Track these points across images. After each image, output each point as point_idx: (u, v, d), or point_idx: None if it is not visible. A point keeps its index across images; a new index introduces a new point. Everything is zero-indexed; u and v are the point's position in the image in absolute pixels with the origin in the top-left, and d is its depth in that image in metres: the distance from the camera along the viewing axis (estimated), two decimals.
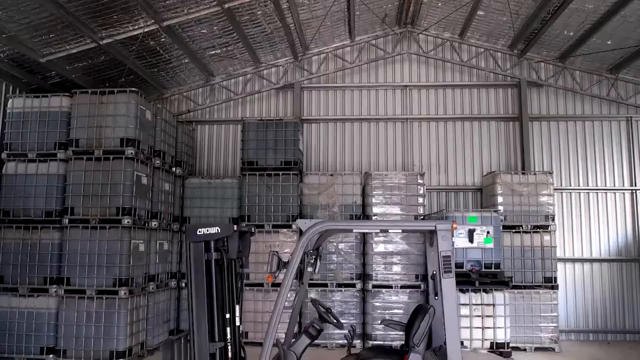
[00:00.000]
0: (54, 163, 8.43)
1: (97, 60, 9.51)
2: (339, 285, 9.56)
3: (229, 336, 4.12)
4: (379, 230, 4.56)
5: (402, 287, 9.35)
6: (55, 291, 8.09)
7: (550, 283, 9.42)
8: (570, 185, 10.85)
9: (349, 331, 4.64)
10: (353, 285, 9.50)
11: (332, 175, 10.01)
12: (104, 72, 9.95)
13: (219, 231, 4.06)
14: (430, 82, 11.30)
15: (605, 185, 10.82)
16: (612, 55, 10.41)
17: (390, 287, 9.37)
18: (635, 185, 10.75)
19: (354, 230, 4.68)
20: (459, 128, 11.15)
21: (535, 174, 9.83)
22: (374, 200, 9.67)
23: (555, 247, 9.57)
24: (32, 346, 8.07)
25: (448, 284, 3.66)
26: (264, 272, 9.01)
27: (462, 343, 4.09)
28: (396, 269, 9.45)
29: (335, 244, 9.60)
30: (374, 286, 9.40)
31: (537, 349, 9.26)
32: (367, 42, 11.39)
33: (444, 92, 11.29)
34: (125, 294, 7.94)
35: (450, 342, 3.66)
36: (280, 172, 9.93)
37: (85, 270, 8.06)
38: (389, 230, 4.53)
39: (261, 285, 9.47)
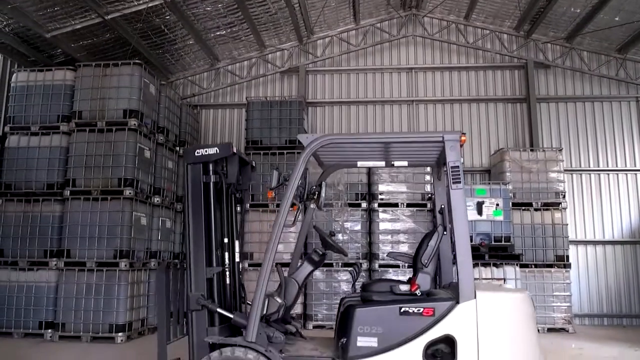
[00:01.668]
0: (56, 136, 8.37)
1: (102, 38, 9.52)
2: (345, 264, 9.33)
3: (227, 262, 3.94)
4: (385, 160, 4.38)
5: (409, 266, 9.06)
6: (55, 264, 7.95)
7: (562, 262, 9.15)
8: (580, 166, 10.63)
9: (354, 268, 4.45)
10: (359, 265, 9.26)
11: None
12: (109, 52, 9.95)
13: (218, 152, 3.92)
14: (436, 65, 11.21)
15: (617, 166, 10.59)
16: (620, 34, 10.29)
17: (397, 266, 9.13)
18: None
19: (358, 164, 4.51)
20: (465, 110, 11.02)
21: (544, 150, 9.65)
22: (380, 179, 9.50)
23: (567, 225, 9.32)
24: (31, 320, 7.90)
25: (457, 194, 3.48)
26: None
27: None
28: (403, 248, 9.22)
29: (340, 222, 9.42)
30: (381, 266, 9.17)
31: (550, 329, 8.94)
32: (372, 26, 11.36)
33: (450, 74, 11.19)
34: (125, 265, 7.78)
35: (461, 259, 3.47)
36: (285, 151, 9.81)
37: (86, 242, 7.92)
38: (395, 161, 4.33)
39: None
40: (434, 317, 3.41)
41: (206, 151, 3.94)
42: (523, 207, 9.29)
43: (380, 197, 9.44)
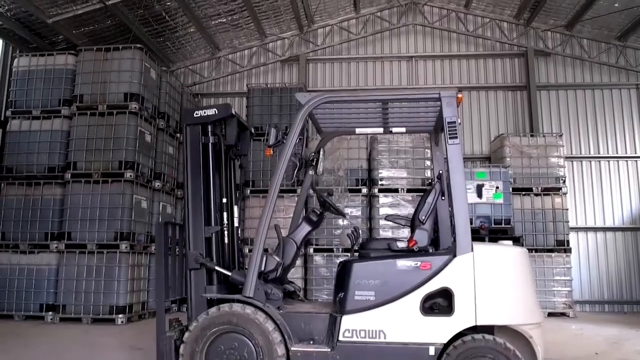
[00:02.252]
0: (57, 119, 8.42)
1: (103, 25, 9.57)
2: (345, 250, 9.33)
3: (225, 221, 3.96)
4: (383, 127, 4.39)
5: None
6: (56, 247, 7.98)
7: (562, 246, 9.14)
8: (580, 154, 10.64)
9: (352, 231, 4.46)
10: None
11: (337, 139, 9.88)
12: (110, 40, 9.98)
13: (216, 112, 3.93)
14: (436, 53, 11.24)
15: (617, 153, 10.60)
16: (620, 21, 10.31)
17: None
18: None
19: (357, 131, 4.52)
20: (465, 98, 11.02)
21: (544, 136, 9.66)
22: (380, 164, 9.51)
23: (567, 209, 9.31)
24: (32, 303, 7.94)
25: (454, 150, 3.49)
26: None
27: None
28: (403, 233, 9.22)
29: (340, 207, 9.41)
30: None
31: (550, 314, 8.92)
32: (372, 14, 11.40)
33: (450, 62, 11.21)
34: (126, 247, 7.81)
35: (457, 213, 3.48)
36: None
37: (87, 224, 7.96)
38: (393, 127, 4.35)
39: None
40: (431, 270, 3.42)
41: (205, 112, 3.97)
42: (523, 192, 9.28)
43: (380, 182, 9.45)
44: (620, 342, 6.63)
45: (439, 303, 3.42)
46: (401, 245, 3.72)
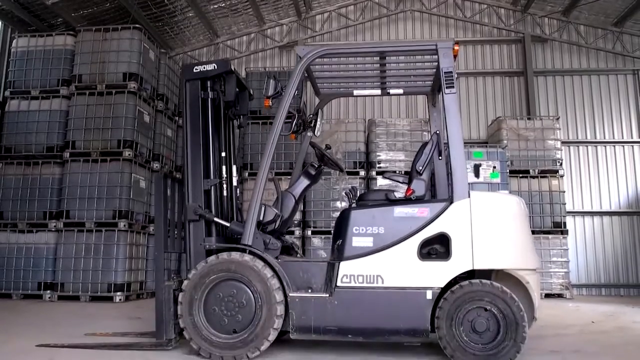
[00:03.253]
0: (56, 99, 8.41)
1: (102, 8, 9.60)
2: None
3: (224, 174, 3.98)
4: (380, 89, 4.43)
5: None
6: (55, 225, 7.98)
7: (559, 228, 9.18)
8: (577, 138, 10.70)
9: (349, 190, 4.49)
10: None
11: (335, 122, 9.93)
12: (109, 23, 9.97)
13: (216, 67, 3.97)
14: (434, 39, 11.28)
15: (613, 138, 10.66)
16: (617, 7, 10.38)
17: None
18: None
19: (355, 93, 4.56)
20: (463, 83, 11.08)
21: (541, 119, 9.71)
22: (378, 147, 9.56)
23: (564, 192, 9.37)
24: (30, 282, 7.92)
25: (450, 99, 3.52)
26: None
27: None
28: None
29: (338, 190, 9.46)
30: None
31: (547, 295, 8.96)
32: (371, 1, 11.46)
33: None
34: (124, 226, 7.81)
35: (454, 161, 3.51)
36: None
37: (85, 202, 7.95)
38: (391, 89, 4.38)
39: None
40: (428, 216, 3.45)
41: (204, 67, 4.00)
42: (520, 175, 9.33)
43: (378, 165, 9.49)
44: (616, 315, 6.68)
45: (437, 249, 3.46)
46: (399, 194, 3.75)
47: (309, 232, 9.27)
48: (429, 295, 3.36)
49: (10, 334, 4.52)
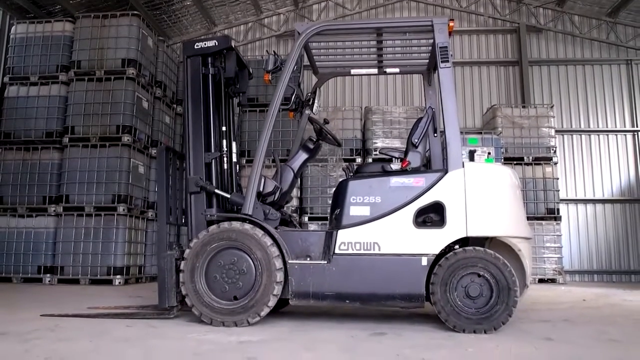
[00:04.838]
0: (55, 85, 8.46)
1: None
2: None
3: (225, 148, 4.08)
4: (377, 67, 4.52)
5: None
6: (54, 210, 8.04)
7: (553, 215, 9.32)
8: (571, 127, 10.84)
9: (347, 166, 4.59)
10: None
11: (332, 110, 10.02)
12: (107, 11, 10.03)
13: (216, 44, 4.06)
14: None
15: (607, 127, 10.81)
16: None
17: None
18: (637, 127, 10.72)
19: (352, 72, 4.65)
20: (458, 73, 11.19)
21: (535, 107, 9.84)
22: (374, 134, 9.66)
23: (558, 179, 9.50)
24: (30, 266, 7.99)
25: (446, 73, 3.62)
26: None
27: None
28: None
29: (335, 177, 9.56)
30: None
31: (540, 280, 9.12)
32: None
33: None
34: (123, 210, 7.89)
35: (449, 133, 3.60)
36: (280, 107, 9.91)
37: (85, 187, 8.03)
38: (387, 67, 4.48)
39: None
40: (424, 185, 3.55)
41: (205, 44, 4.09)
42: (515, 162, 9.45)
43: (374, 152, 9.60)
44: (607, 295, 6.82)
45: (432, 217, 3.56)
46: (395, 166, 3.85)
47: (306, 219, 9.39)
48: (424, 261, 3.46)
49: (14, 308, 4.62)
